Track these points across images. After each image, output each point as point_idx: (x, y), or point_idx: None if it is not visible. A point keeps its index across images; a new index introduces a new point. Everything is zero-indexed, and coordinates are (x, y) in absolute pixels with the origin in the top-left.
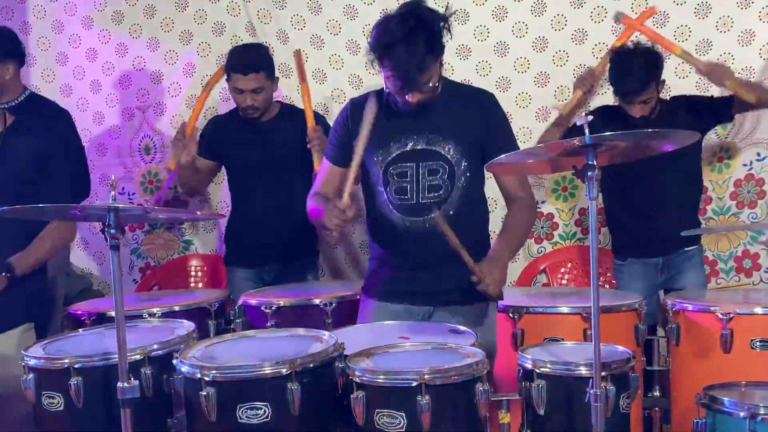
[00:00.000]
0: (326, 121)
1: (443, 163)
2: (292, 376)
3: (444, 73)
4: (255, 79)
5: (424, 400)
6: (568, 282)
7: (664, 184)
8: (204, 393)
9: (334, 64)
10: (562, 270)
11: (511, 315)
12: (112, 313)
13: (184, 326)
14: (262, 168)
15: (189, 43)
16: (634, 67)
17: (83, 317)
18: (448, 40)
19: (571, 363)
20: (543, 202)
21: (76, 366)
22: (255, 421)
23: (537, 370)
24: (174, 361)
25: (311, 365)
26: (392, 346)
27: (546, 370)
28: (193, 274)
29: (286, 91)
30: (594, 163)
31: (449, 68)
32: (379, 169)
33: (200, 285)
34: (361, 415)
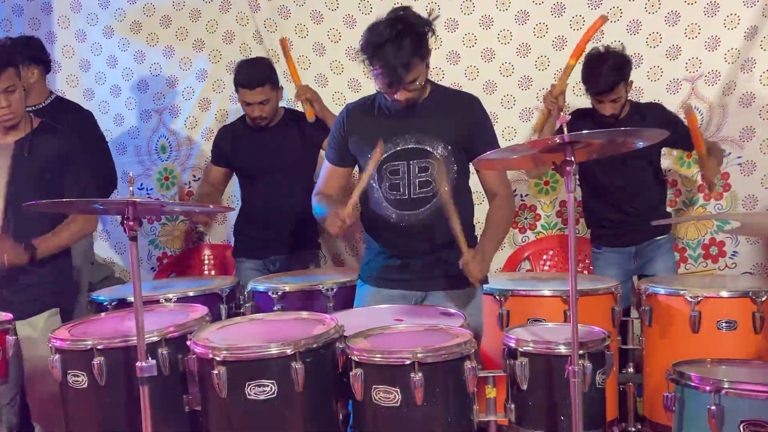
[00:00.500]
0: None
1: (432, 161)
2: (297, 356)
3: (435, 77)
4: (261, 93)
5: (417, 377)
6: (550, 268)
7: (633, 181)
8: (216, 372)
9: (335, 69)
10: (544, 257)
11: (497, 297)
12: (132, 299)
13: (198, 310)
14: (268, 169)
15: (201, 50)
16: (604, 69)
17: (105, 303)
18: (437, 47)
19: (552, 342)
20: (526, 195)
21: (99, 347)
22: (262, 398)
23: (520, 349)
24: (188, 343)
25: (314, 346)
26: (388, 328)
27: (528, 349)
28: (206, 262)
29: (290, 95)
30: (572, 158)
31: (440, 72)
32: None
33: (212, 272)
34: (359, 391)
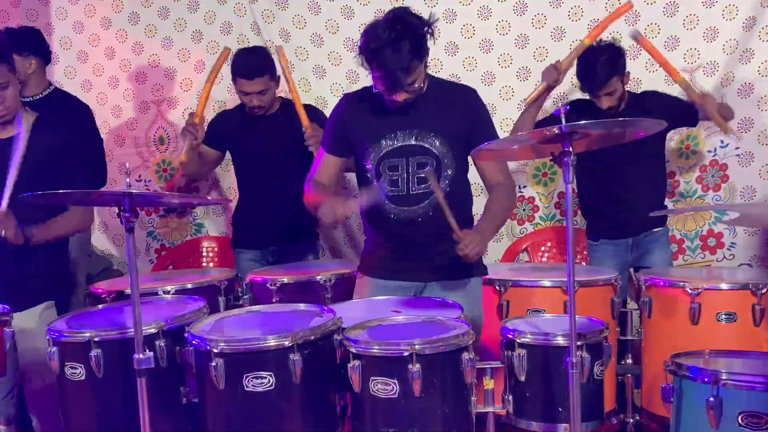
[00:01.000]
0: (324, 114)
1: (431, 157)
2: (294, 348)
3: (433, 69)
4: (259, 83)
5: (414, 368)
6: (548, 260)
7: (633, 172)
8: (213, 363)
9: (333, 60)
10: (542, 249)
11: (497, 288)
12: (129, 291)
13: (196, 302)
14: (266, 159)
15: (200, 41)
16: (597, 63)
17: (103, 295)
18: (434, 42)
19: (549, 333)
20: (524, 187)
21: (97, 339)
22: (260, 389)
23: (518, 340)
24: (186, 334)
25: (311, 337)
26: (385, 319)
27: (526, 340)
28: (204, 254)
29: (287, 86)
30: (570, 149)
31: (438, 64)
32: (372, 163)
33: (211, 264)
34: (357, 383)
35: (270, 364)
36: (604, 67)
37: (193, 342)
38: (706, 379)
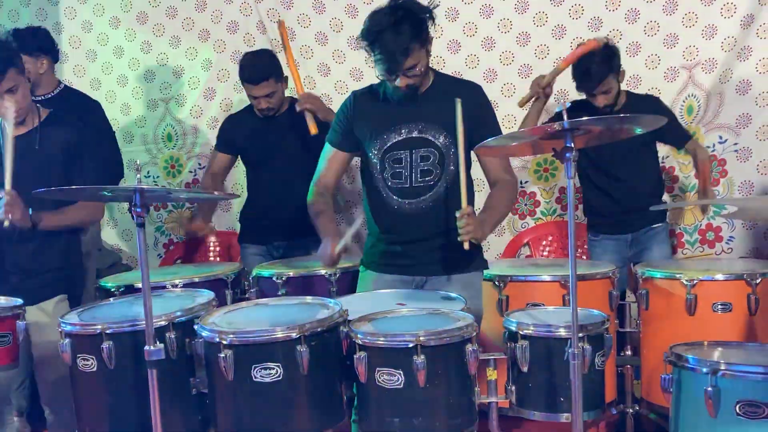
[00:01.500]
0: (331, 110)
1: (434, 150)
2: (301, 340)
3: (436, 66)
4: (265, 87)
5: (419, 360)
6: (549, 254)
7: (629, 169)
8: (222, 355)
9: (337, 59)
10: (544, 243)
11: (497, 283)
12: (140, 285)
13: (204, 295)
14: (274, 157)
15: (206, 40)
16: (592, 64)
17: (113, 289)
18: (438, 36)
19: (552, 325)
20: (526, 182)
21: (108, 331)
22: (268, 380)
23: (521, 332)
24: (195, 327)
25: (318, 329)
26: (390, 312)
27: (529, 332)
28: (212, 249)
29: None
30: (571, 145)
31: (441, 61)
32: (376, 156)
33: (218, 259)
34: (363, 374)
35: (278, 356)
36: (599, 66)
37: (203, 334)
38: (705, 370)
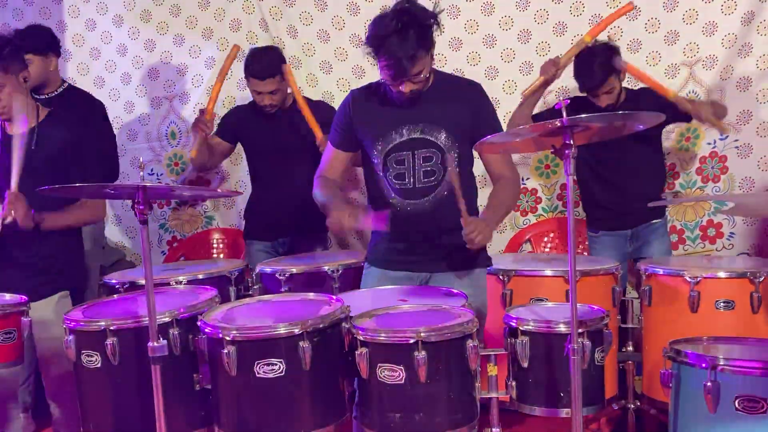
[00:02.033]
0: (333, 108)
1: (436, 151)
2: (304, 336)
3: (437, 64)
4: (270, 83)
5: (420, 355)
6: (551, 250)
7: (631, 164)
8: (225, 351)
9: (339, 56)
10: (545, 239)
11: (501, 277)
12: (143, 281)
13: (208, 292)
14: (277, 153)
15: (210, 38)
16: (593, 65)
17: (117, 285)
18: (439, 34)
19: (551, 321)
20: (527, 179)
21: (112, 328)
22: (271, 376)
23: (521, 328)
24: (199, 323)
25: (321, 325)
26: (392, 308)
27: (529, 328)
28: (215, 245)
29: (297, 81)
30: (571, 142)
31: (442, 59)
32: (379, 157)
33: (221, 255)
34: (365, 369)
35: (281, 352)
36: (602, 67)
37: (206, 330)
38: (704, 365)
